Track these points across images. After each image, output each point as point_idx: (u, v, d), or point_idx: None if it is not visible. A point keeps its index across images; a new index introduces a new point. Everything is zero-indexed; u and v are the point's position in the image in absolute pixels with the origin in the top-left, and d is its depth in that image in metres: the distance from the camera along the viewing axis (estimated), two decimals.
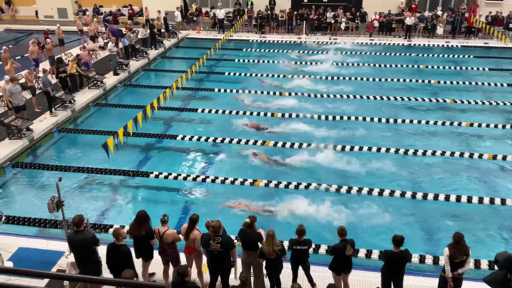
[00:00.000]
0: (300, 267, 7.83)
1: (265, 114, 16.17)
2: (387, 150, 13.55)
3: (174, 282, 6.77)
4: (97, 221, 10.38)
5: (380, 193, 11.40)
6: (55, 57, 19.66)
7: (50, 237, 9.73)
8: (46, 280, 7.63)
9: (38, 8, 32.40)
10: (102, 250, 7.50)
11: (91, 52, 21.19)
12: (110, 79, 19.37)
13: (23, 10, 32.83)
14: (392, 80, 19.77)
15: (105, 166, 12.57)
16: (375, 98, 17.77)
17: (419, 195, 11.32)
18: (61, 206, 8.27)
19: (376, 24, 27.10)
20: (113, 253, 7.24)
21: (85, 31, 24.39)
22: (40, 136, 14.48)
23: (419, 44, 25.57)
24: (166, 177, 12.08)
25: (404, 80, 19.73)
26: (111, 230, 9.05)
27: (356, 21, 27.72)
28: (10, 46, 24.68)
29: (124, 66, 20.68)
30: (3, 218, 9.41)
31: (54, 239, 9.52)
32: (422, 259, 9.14)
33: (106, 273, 7.57)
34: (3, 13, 32.87)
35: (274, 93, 18.31)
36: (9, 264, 8.49)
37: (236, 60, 22.96)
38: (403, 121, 15.65)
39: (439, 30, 26.52)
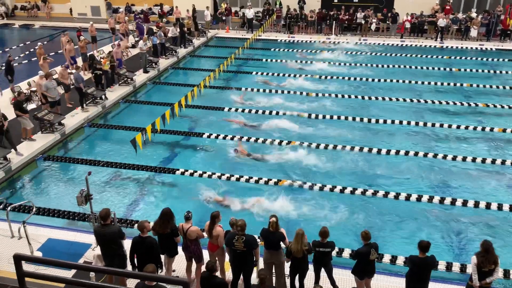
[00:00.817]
0: (322, 270, 7.78)
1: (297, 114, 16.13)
2: (416, 154, 13.30)
3: (202, 277, 6.88)
4: (123, 215, 10.57)
5: (407, 198, 11.19)
6: (88, 54, 20.16)
7: (78, 229, 9.98)
8: (73, 271, 7.82)
9: (72, 6, 33.27)
10: (127, 244, 7.63)
11: (122, 50, 21.58)
12: (140, 77, 19.70)
13: (58, 8, 33.77)
14: (423, 83, 19.42)
15: (132, 161, 12.80)
16: (404, 100, 17.48)
17: (447, 201, 11.07)
18: (89, 200, 8.48)
19: (408, 25, 26.62)
20: (139, 246, 7.36)
21: (117, 29, 24.85)
22: (71, 131, 14.86)
23: (452, 47, 24.99)
24: (191, 174, 12.21)
25: (435, 83, 19.34)
26: (136, 225, 9.20)
27: (387, 22, 27.31)
28: (45, 42, 25.45)
29: (153, 64, 21.00)
30: (34, 210, 9.71)
31: (82, 232, 9.77)
32: (448, 266, 8.93)
33: (130, 268, 7.70)
34: (39, 10, 33.89)
35: (301, 93, 18.25)
36: (38, 254, 8.75)
37: (264, 59, 22.97)
38: (433, 124, 15.32)
39: (473, 33, 25.82)
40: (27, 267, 3.78)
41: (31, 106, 16.06)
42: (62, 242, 9.34)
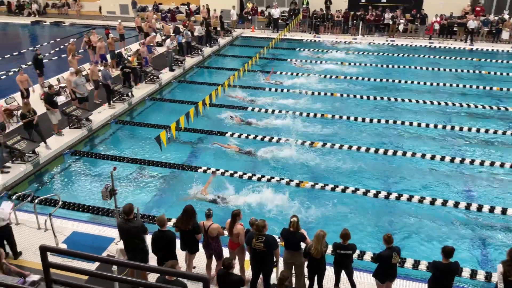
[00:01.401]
0: (343, 272, 7.71)
1: (318, 115, 16.04)
2: (442, 158, 13.03)
3: (219, 274, 6.91)
4: (146, 211, 10.70)
5: (432, 202, 10.98)
6: (115, 52, 20.51)
7: (102, 223, 10.17)
8: (96, 264, 7.98)
9: (102, 4, 33.94)
10: (150, 240, 7.73)
11: (151, 43, 21.82)
12: (165, 75, 19.94)
13: (88, 6, 34.50)
14: (451, 85, 19.02)
15: (156, 158, 12.96)
16: (432, 102, 17.16)
17: (474, 206, 10.80)
18: (114, 194, 8.62)
19: (437, 26, 26.09)
20: (159, 240, 7.48)
21: (143, 27, 25.18)
22: (98, 127, 15.15)
23: (482, 49, 24.38)
24: (213, 173, 12.28)
25: (464, 86, 18.91)
26: (156, 220, 9.30)
27: (416, 23, 26.83)
28: (75, 39, 26.00)
29: (179, 62, 21.22)
30: (60, 203, 9.95)
31: (106, 226, 9.95)
32: (473, 274, 8.71)
33: (152, 262, 7.81)
34: (69, 8, 34.68)
35: (325, 94, 18.13)
36: (63, 246, 8.96)
37: (289, 59, 22.91)
38: (461, 128, 14.99)
39: (505, 35, 25.12)
40: (52, 258, 3.87)
41: (60, 100, 16.40)
42: (86, 236, 9.54)
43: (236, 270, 7.84)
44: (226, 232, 8.01)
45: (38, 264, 6.24)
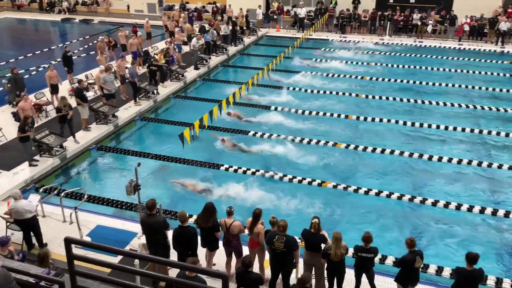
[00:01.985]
0: (364, 276, 7.62)
1: (343, 116, 15.90)
2: (469, 162, 12.72)
3: (238, 272, 6.94)
4: (168, 207, 10.81)
5: (458, 207, 10.73)
6: (142, 50, 20.79)
7: (126, 218, 10.33)
8: (119, 258, 8.11)
9: (130, 2, 34.47)
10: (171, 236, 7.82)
11: (180, 43, 22.01)
12: (190, 73, 20.10)
13: (116, 4, 35.07)
14: (480, 88, 18.56)
15: (180, 155, 13.08)
16: (460, 105, 16.79)
17: (501, 213, 10.51)
18: (137, 190, 8.74)
19: (467, 28, 25.48)
20: (179, 236, 7.56)
21: (169, 26, 25.42)
22: (124, 123, 15.40)
23: None
24: (235, 171, 12.32)
25: (494, 89, 18.42)
26: (177, 215, 9.38)
27: (445, 24, 26.28)
28: (103, 37, 26.42)
29: (204, 61, 21.36)
30: (85, 197, 10.15)
31: (129, 220, 10.11)
32: (498, 282, 8.48)
33: (173, 258, 7.88)
34: (98, 6, 35.36)
35: (350, 94, 17.95)
36: (87, 239, 9.14)
37: (313, 59, 22.75)
38: (489, 132, 14.61)
39: None
40: (76, 250, 3.95)
41: (88, 95, 16.73)
42: (110, 229, 9.71)
43: (256, 269, 7.85)
44: (246, 231, 8.02)
45: (63, 256, 6.38)
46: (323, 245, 7.49)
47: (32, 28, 33.45)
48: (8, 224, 9.16)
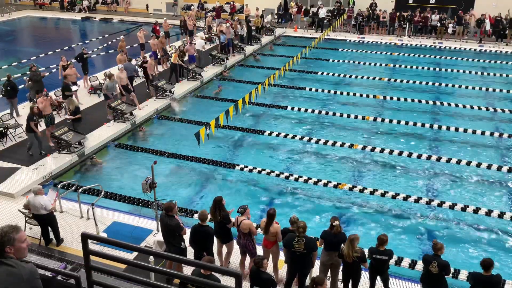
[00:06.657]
0: (378, 278, 7.54)
1: (360, 117, 15.78)
2: (488, 166, 12.48)
3: (251, 271, 6.96)
4: (183, 205, 10.87)
5: (476, 211, 10.54)
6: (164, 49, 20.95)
7: (141, 215, 10.42)
8: (134, 254, 8.19)
9: (149, 2, 34.77)
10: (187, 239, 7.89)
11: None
12: (207, 72, 20.17)
13: (135, 3, 35.43)
14: (501, 90, 18.22)
15: (195, 154, 13.13)
16: (479, 108, 16.50)
17: None
18: (153, 187, 8.81)
19: (488, 26, 25.01)
20: (197, 233, 7.71)
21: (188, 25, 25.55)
22: (141, 121, 15.52)
23: None
24: (250, 171, 12.31)
25: None
26: (195, 215, 9.45)
27: (469, 25, 25.84)
28: (122, 36, 26.73)
29: (221, 60, 21.40)
30: (102, 193, 10.27)
31: (144, 217, 10.19)
32: None
33: (189, 256, 7.92)
34: (118, 5, 35.76)
35: (367, 96, 17.81)
36: (103, 235, 9.24)
37: (331, 60, 22.64)
38: (510, 135, 14.32)
39: None
40: (92, 246, 4.00)
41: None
42: (126, 226, 9.81)
43: (269, 269, 7.84)
44: (259, 231, 8.02)
45: (79, 251, 6.47)
46: (342, 245, 7.45)
47: (53, 26, 34.00)
48: (27, 218, 9.33)
